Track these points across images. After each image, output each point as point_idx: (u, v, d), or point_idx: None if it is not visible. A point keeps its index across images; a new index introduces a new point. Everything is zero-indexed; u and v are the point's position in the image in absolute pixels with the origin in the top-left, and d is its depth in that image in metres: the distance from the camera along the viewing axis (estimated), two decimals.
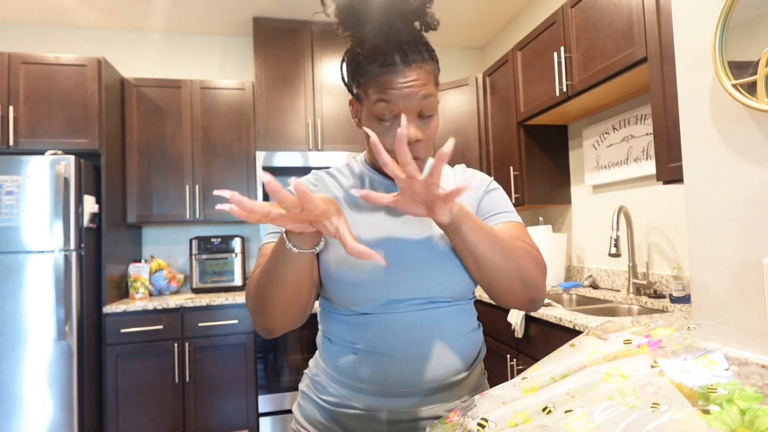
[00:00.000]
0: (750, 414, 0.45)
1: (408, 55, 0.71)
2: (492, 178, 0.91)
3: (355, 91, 0.78)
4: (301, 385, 0.87)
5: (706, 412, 0.46)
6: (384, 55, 0.71)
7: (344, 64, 0.79)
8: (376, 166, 0.85)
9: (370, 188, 0.83)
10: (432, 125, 0.74)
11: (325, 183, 0.84)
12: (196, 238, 3.03)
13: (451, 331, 0.78)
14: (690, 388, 0.48)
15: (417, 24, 0.75)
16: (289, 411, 2.67)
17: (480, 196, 0.85)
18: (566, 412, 0.50)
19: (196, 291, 2.98)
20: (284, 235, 0.64)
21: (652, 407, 0.46)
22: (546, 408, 0.52)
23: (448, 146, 0.55)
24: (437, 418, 0.77)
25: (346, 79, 0.79)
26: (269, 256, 0.68)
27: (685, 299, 1.80)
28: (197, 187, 2.95)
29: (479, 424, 0.54)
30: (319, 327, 0.86)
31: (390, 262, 0.75)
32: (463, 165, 0.93)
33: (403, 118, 0.59)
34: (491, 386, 0.63)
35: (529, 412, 0.53)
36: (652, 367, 0.51)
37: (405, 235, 0.78)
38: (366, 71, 0.73)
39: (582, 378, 0.53)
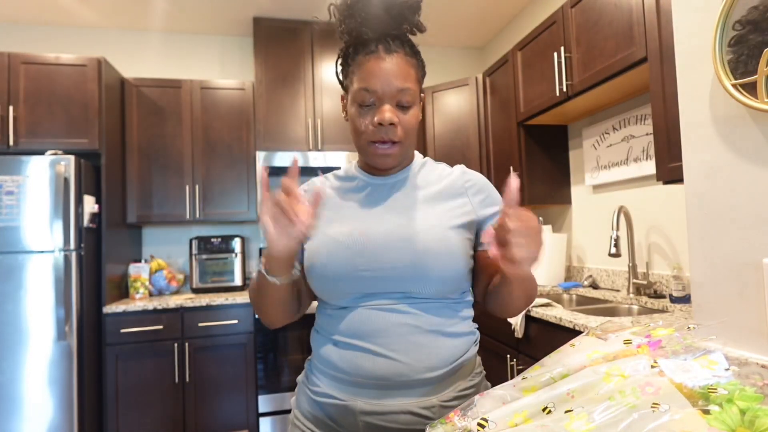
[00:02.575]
0: (750, 414, 0.45)
1: (390, 45, 0.79)
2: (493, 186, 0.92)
3: (344, 82, 0.85)
4: (299, 377, 0.91)
5: (706, 412, 0.46)
6: (367, 44, 0.79)
7: (338, 60, 0.86)
8: (367, 168, 0.89)
9: (362, 189, 0.87)
10: (410, 115, 0.80)
11: (315, 184, 0.90)
12: (196, 238, 3.03)
13: (426, 328, 0.78)
14: (690, 388, 0.48)
15: (407, 27, 0.82)
16: (289, 411, 2.67)
17: (478, 212, 0.86)
18: (566, 412, 0.50)
19: (196, 291, 2.98)
20: (262, 270, 0.75)
21: (652, 407, 0.46)
22: (546, 408, 0.52)
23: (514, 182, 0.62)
24: (411, 413, 0.75)
25: (338, 75, 0.86)
26: (254, 282, 0.80)
27: (685, 299, 1.80)
28: (197, 187, 2.95)
29: (479, 424, 0.54)
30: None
31: (364, 257, 0.78)
32: (463, 166, 0.92)
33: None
34: (491, 386, 0.63)
35: (529, 412, 0.53)
36: (652, 367, 0.51)
37: (384, 232, 0.80)
38: (352, 60, 0.81)
39: (582, 378, 0.53)
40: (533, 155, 2.61)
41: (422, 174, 0.89)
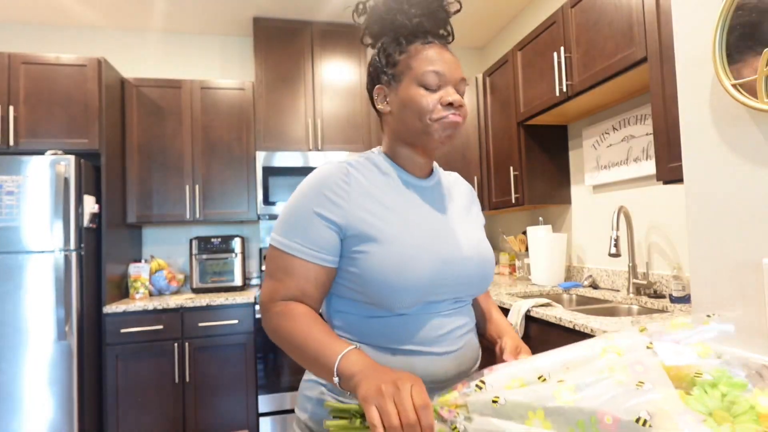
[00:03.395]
0: (730, 397, 0.46)
1: (445, 40, 0.85)
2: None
3: (391, 71, 0.82)
4: (311, 393, 0.82)
5: (690, 394, 0.48)
6: (425, 34, 0.82)
7: (379, 54, 0.85)
8: (398, 161, 0.86)
9: (398, 186, 0.83)
10: (465, 106, 0.81)
11: (358, 181, 0.80)
12: (196, 238, 3.03)
13: (471, 326, 0.87)
14: (679, 371, 0.50)
15: (446, 33, 0.86)
16: (290, 411, 2.67)
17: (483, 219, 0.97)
18: (558, 381, 0.53)
19: (196, 291, 2.98)
20: (336, 378, 0.65)
21: (636, 385, 0.48)
22: (542, 376, 0.55)
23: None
24: None
25: (380, 63, 0.84)
26: (306, 347, 0.70)
27: (685, 299, 1.80)
28: (197, 187, 2.95)
29: (477, 386, 0.59)
30: (339, 333, 0.82)
31: (447, 268, 0.79)
32: (456, 173, 1.00)
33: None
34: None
35: (524, 379, 0.56)
36: (647, 348, 0.53)
37: (456, 241, 0.82)
38: (408, 49, 0.81)
39: (580, 351, 0.56)
40: (533, 155, 2.61)
41: (443, 179, 0.93)
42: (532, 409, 0.52)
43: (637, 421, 0.45)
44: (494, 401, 0.54)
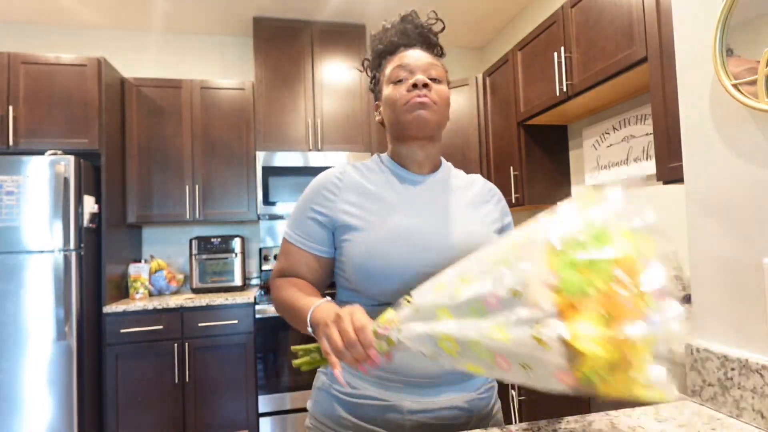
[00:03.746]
0: (593, 250, 0.51)
1: (415, 46, 0.89)
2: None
3: (377, 87, 0.92)
4: (316, 382, 0.90)
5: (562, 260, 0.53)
6: (396, 47, 0.89)
7: (371, 72, 0.95)
8: (399, 161, 0.90)
9: (392, 181, 0.88)
10: (441, 88, 0.85)
11: (350, 176, 0.87)
12: (196, 238, 3.03)
13: None
14: (564, 239, 0.54)
15: (438, 51, 0.92)
16: (290, 411, 2.67)
17: (503, 220, 0.94)
18: (463, 281, 0.60)
19: (196, 291, 2.98)
20: (309, 327, 0.73)
21: (518, 264, 0.55)
22: (464, 278, 0.61)
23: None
24: (456, 408, 0.80)
25: (371, 85, 0.96)
26: (292, 307, 0.79)
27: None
28: (197, 187, 2.95)
29: (407, 300, 0.65)
30: None
31: (426, 253, 0.79)
32: (479, 175, 1.00)
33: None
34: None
35: (447, 285, 0.62)
36: (534, 227, 0.60)
37: (443, 229, 0.82)
38: (383, 62, 0.91)
39: (493, 247, 0.63)
40: (533, 155, 2.60)
41: (453, 177, 0.94)
42: (439, 307, 0.60)
43: (514, 294, 0.53)
44: (417, 311, 0.63)
